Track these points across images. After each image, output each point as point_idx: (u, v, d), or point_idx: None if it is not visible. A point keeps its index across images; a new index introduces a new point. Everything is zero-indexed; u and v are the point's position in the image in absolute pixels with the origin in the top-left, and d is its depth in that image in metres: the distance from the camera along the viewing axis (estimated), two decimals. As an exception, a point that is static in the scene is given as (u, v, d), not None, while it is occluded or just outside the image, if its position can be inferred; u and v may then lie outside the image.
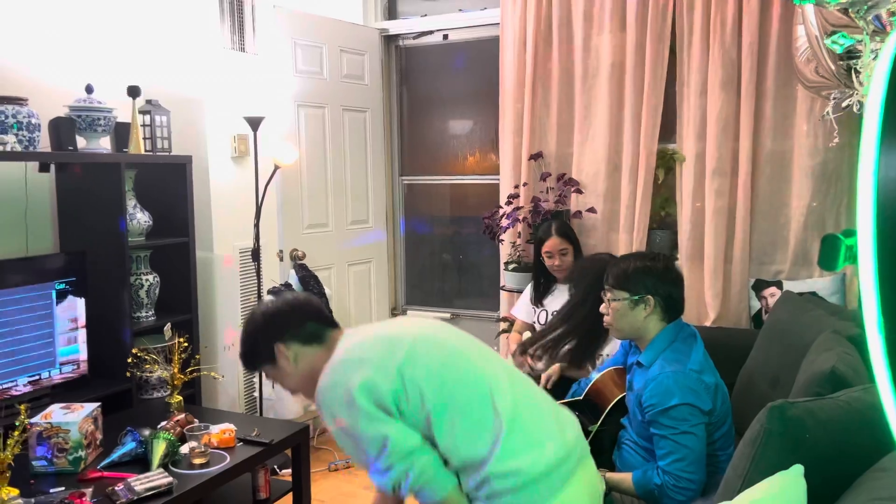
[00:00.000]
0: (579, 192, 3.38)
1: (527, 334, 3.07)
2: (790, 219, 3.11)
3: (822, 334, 2.06)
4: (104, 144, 2.92)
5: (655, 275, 2.02)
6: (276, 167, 3.33)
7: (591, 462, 1.65)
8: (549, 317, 3.02)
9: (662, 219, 3.44)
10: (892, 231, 0.46)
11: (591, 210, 3.37)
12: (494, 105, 3.68)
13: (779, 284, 3.11)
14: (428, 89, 4.22)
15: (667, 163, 3.30)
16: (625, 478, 1.97)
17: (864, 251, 0.48)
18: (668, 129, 3.33)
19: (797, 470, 1.34)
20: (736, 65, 3.08)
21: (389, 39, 4.16)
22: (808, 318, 2.41)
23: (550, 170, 3.48)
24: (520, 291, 3.52)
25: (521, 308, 3.24)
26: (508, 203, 3.49)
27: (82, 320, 2.83)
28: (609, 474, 2.00)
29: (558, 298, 2.98)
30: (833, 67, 1.75)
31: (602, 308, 2.11)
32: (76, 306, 2.81)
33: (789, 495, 1.31)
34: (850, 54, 1.60)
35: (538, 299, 3.13)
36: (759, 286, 3.16)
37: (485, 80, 3.91)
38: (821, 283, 3.01)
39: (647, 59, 3.22)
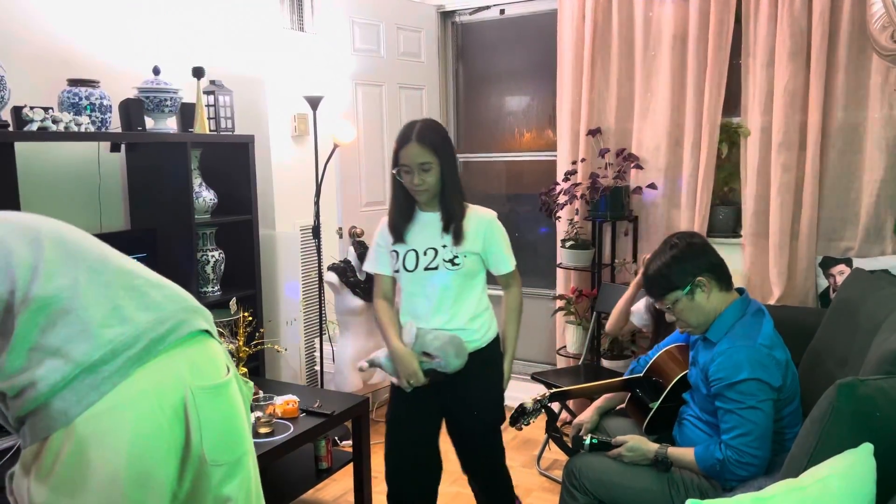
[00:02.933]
0: (639, 167, 3.32)
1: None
2: (861, 193, 2.99)
3: (894, 313, 1.99)
4: (171, 124, 3.01)
5: (685, 257, 1.98)
6: (336, 146, 3.38)
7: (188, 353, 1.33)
8: (418, 257, 2.21)
9: (726, 195, 3.35)
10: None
11: (652, 186, 3.31)
12: (552, 81, 3.64)
13: (848, 262, 3.00)
14: (484, 66, 4.20)
15: (731, 137, 3.21)
16: (686, 452, 1.95)
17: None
18: (733, 102, 3.23)
19: (867, 448, 1.31)
20: (805, 34, 2.96)
21: (446, 16, 4.14)
22: (880, 297, 2.32)
23: (609, 145, 3.43)
24: (576, 269, 3.50)
25: (379, 258, 2.39)
26: (566, 179, 3.45)
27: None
28: (671, 449, 1.98)
29: (422, 233, 2.23)
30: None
31: (668, 318, 2.07)
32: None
33: (858, 473, 1.28)
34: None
35: (398, 235, 2.28)
36: (827, 263, 3.06)
37: (542, 56, 3.86)
38: (893, 261, 2.89)
39: (710, 30, 3.12)
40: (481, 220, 2.22)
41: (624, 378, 2.26)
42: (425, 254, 2.19)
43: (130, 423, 1.21)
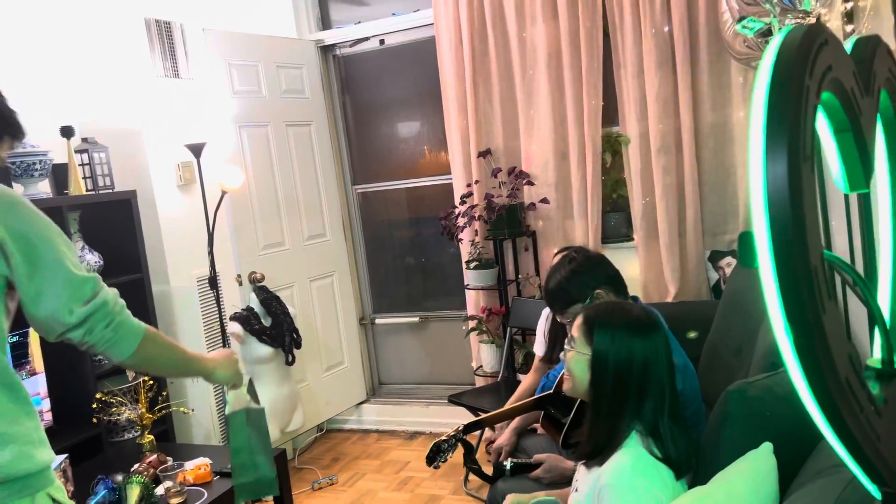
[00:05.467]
0: (531, 183, 3.40)
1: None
2: (738, 188, 3.17)
3: (777, 302, 2.10)
4: (43, 188, 2.85)
5: (583, 271, 2.05)
6: (224, 192, 3.28)
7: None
8: None
9: (615, 201, 3.47)
10: (781, 234, 0.47)
11: (544, 201, 3.39)
12: (439, 105, 3.68)
13: (734, 254, 3.17)
14: (371, 96, 4.20)
15: (613, 146, 3.33)
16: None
17: (763, 253, 0.49)
18: (611, 112, 3.36)
19: (766, 447, 1.36)
20: (668, 43, 3.12)
21: (326, 50, 4.12)
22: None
23: (500, 164, 3.49)
24: (483, 289, 3.53)
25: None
26: (462, 202, 3.49)
27: (41, 370, 2.76)
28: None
29: None
30: (757, 41, 1.78)
31: (571, 330, 2.12)
32: (33, 356, 2.74)
33: (760, 473, 1.34)
34: (770, 29, 1.63)
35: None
36: (715, 257, 3.22)
37: (426, 82, 3.90)
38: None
39: (581, 46, 3.24)
40: None
41: (535, 397, 2.29)
42: None
43: None
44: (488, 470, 2.23)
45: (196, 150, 3.24)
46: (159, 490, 2.38)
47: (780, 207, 0.47)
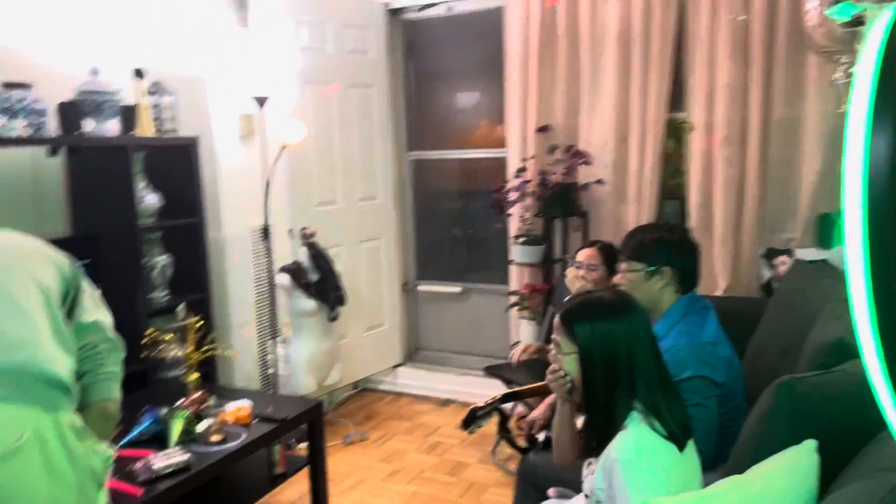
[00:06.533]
0: (587, 164, 3.36)
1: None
2: (801, 186, 3.08)
3: (831, 303, 2.06)
4: (112, 127, 2.92)
5: (671, 246, 2.03)
6: (284, 146, 3.33)
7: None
8: None
9: (672, 189, 3.42)
10: (883, 214, 0.46)
11: (600, 182, 3.35)
12: (501, 77, 3.65)
13: (790, 253, 3.09)
14: (434, 63, 4.19)
15: (676, 132, 3.27)
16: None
17: (853, 233, 0.48)
18: (677, 98, 3.29)
19: (810, 444, 1.35)
20: (745, 31, 3.03)
21: (394, 12, 4.11)
22: (819, 287, 2.40)
23: (558, 142, 3.46)
24: (529, 265, 3.53)
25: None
26: (516, 177, 3.47)
27: (97, 302, 2.86)
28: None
29: None
30: (840, 33, 1.72)
31: (616, 279, 2.12)
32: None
33: (801, 470, 1.32)
34: (859, 19, 1.57)
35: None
36: (770, 255, 3.15)
37: (490, 53, 3.87)
38: (833, 252, 2.99)
39: (654, 28, 3.17)
40: None
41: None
42: None
43: None
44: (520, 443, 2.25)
45: (260, 101, 3.29)
46: (201, 426, 2.47)
47: (879, 184, 0.46)
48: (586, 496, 1.60)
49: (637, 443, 1.45)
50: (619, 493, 1.42)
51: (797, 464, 1.33)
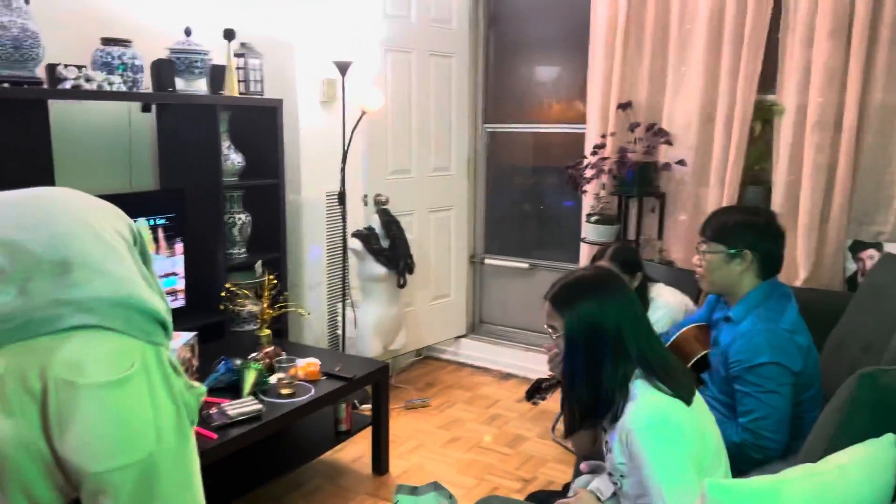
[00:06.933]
0: (669, 143, 3.28)
1: None
2: (896, 177, 2.93)
3: (923, 300, 1.96)
4: (201, 86, 3.03)
5: (756, 230, 1.97)
6: (363, 112, 3.38)
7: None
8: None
9: (756, 174, 3.29)
10: None
11: (681, 163, 3.27)
12: (583, 51, 3.58)
13: (878, 246, 2.95)
14: (516, 34, 4.14)
15: (764, 115, 3.15)
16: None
17: None
18: (768, 79, 3.16)
19: (889, 438, 1.30)
20: (848, 10, 2.87)
21: (478, -18, 4.08)
22: (909, 283, 2.29)
23: (639, 119, 3.38)
24: (600, 244, 3.48)
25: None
26: (594, 153, 3.42)
27: (180, 252, 2.99)
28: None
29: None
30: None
31: (695, 260, 2.08)
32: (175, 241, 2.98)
33: (878, 463, 1.28)
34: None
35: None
36: (857, 247, 3.01)
37: (574, 26, 3.80)
38: (926, 247, 2.84)
39: (749, 4, 3.04)
40: None
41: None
42: None
43: None
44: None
45: (342, 67, 3.34)
46: (272, 379, 2.57)
47: None
48: (610, 474, 1.61)
49: (647, 408, 1.47)
50: (640, 461, 1.45)
51: (875, 456, 1.29)
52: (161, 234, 2.90)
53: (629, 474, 1.50)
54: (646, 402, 1.48)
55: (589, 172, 3.38)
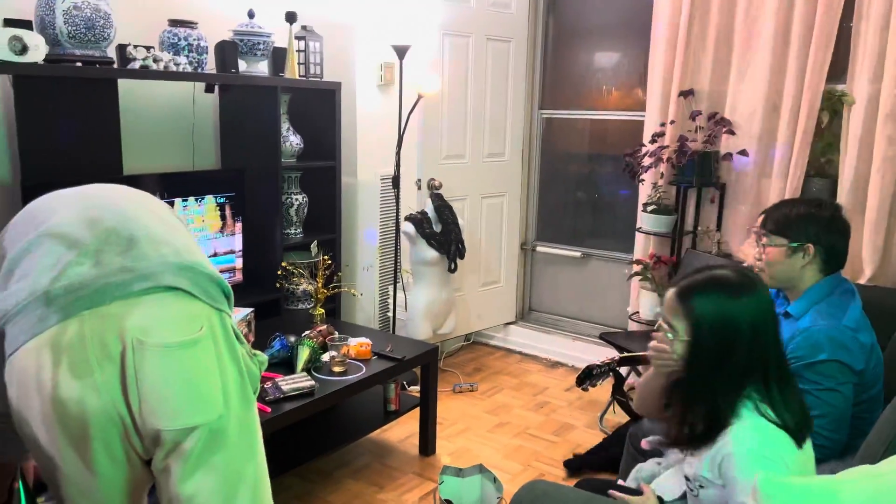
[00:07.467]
0: (731, 133, 3.19)
1: None
2: (975, 173, 2.79)
3: None
4: (262, 68, 3.08)
5: (820, 223, 1.91)
6: (420, 96, 3.39)
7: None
8: None
9: (822, 166, 3.19)
10: None
11: (743, 153, 3.18)
12: (644, 38, 3.51)
13: (952, 245, 2.83)
14: (576, 19, 4.08)
15: (833, 105, 3.03)
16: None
17: None
18: (838, 68, 3.04)
19: (954, 440, 1.26)
20: (929, -4, 2.74)
21: (539, -33, 4.04)
22: (984, 284, 2.19)
23: (701, 108, 3.30)
24: (656, 234, 3.43)
25: None
26: (653, 141, 3.36)
27: (238, 231, 3.07)
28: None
29: None
30: None
31: (754, 253, 2.02)
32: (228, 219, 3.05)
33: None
34: None
35: None
36: (928, 246, 2.89)
37: (636, 11, 3.73)
38: None
39: (822, -11, 2.93)
40: None
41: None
42: None
43: (52, 357, 1.17)
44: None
45: (401, 51, 3.35)
46: (325, 357, 2.62)
47: None
48: (686, 479, 1.56)
49: (757, 434, 1.39)
50: (736, 485, 1.37)
51: (943, 462, 1.25)
52: (228, 212, 2.97)
53: (711, 488, 1.45)
54: (755, 425, 1.40)
55: (647, 161, 3.32)
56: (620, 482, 1.77)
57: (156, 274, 1.25)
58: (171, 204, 2.74)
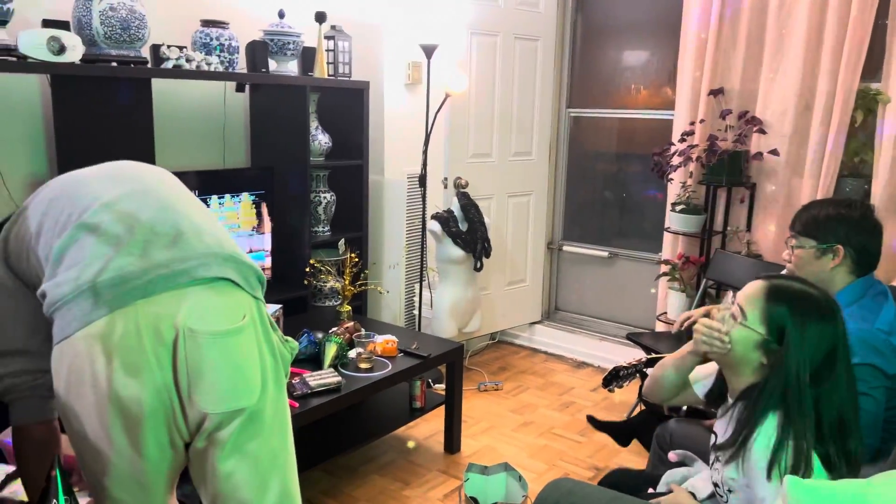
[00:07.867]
0: (762, 132, 3.15)
1: None
2: None
3: None
4: (292, 68, 3.12)
5: (849, 224, 1.87)
6: (447, 95, 3.40)
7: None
8: None
9: (855, 165, 3.13)
10: None
11: (774, 152, 3.14)
12: (674, 35, 3.48)
13: None
14: (604, 17, 4.06)
15: (867, 104, 2.98)
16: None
17: None
18: (873, 66, 2.99)
19: None
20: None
21: (567, -35, 4.02)
22: None
23: (731, 106, 3.26)
24: (685, 234, 3.40)
25: None
26: (682, 140, 3.33)
27: (268, 230, 3.11)
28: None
29: None
30: None
31: (784, 255, 2.00)
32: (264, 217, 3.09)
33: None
34: None
35: None
36: (966, 247, 2.83)
37: (666, 8, 3.69)
38: None
39: (857, -14, 2.88)
40: None
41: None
42: None
43: (104, 352, 1.20)
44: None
45: (428, 51, 3.36)
46: (352, 353, 2.64)
47: None
48: (715, 484, 1.55)
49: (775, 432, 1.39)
50: (756, 479, 1.37)
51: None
52: (264, 209, 3.01)
53: (740, 491, 1.44)
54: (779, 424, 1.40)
55: (676, 160, 3.30)
56: (651, 490, 1.77)
57: (203, 265, 1.30)
58: (205, 201, 2.78)
